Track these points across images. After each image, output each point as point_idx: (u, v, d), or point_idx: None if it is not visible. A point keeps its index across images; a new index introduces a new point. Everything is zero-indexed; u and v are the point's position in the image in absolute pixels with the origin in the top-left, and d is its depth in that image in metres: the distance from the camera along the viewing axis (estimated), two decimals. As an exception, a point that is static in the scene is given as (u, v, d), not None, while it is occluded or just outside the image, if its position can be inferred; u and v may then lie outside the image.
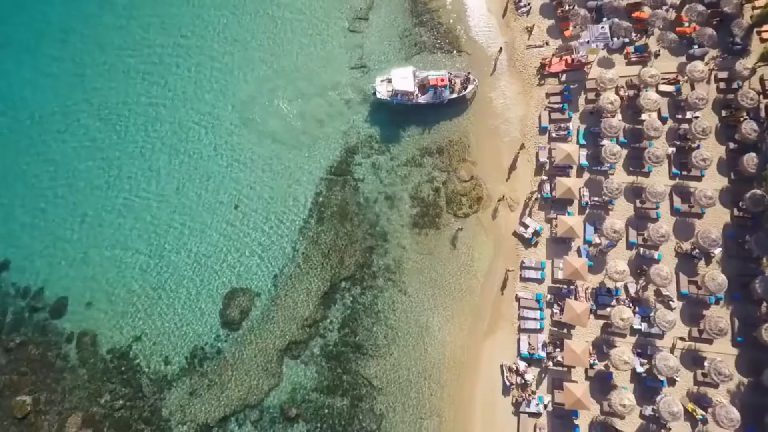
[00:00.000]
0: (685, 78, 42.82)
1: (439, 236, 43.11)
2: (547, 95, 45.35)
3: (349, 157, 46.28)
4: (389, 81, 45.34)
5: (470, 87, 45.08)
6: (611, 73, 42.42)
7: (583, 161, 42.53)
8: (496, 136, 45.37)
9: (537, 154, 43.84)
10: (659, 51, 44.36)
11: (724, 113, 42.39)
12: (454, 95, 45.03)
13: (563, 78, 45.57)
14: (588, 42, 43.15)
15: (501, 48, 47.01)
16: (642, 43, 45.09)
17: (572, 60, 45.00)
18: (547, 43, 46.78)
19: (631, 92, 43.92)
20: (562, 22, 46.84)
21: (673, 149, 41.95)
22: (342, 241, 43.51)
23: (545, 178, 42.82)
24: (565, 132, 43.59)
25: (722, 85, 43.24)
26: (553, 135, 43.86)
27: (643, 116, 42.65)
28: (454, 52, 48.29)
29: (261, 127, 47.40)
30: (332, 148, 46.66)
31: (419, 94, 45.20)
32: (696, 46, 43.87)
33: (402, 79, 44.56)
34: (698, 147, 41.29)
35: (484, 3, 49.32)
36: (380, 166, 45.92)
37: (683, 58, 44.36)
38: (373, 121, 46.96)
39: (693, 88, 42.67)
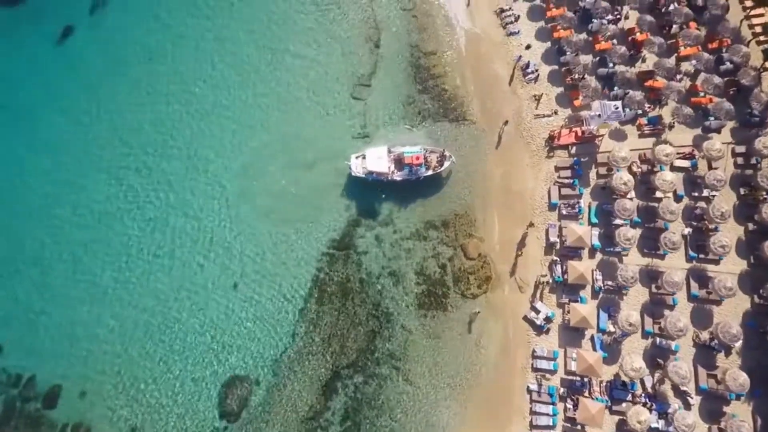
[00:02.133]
0: (702, 154, 41.13)
1: (446, 319, 41.44)
2: (557, 169, 43.69)
3: (351, 230, 44.71)
4: (364, 157, 44.00)
5: (446, 164, 43.71)
6: (624, 151, 40.71)
7: (596, 242, 40.79)
8: (503, 211, 43.71)
9: (547, 231, 42.15)
10: (673, 122, 42.68)
11: (742, 191, 40.57)
12: (430, 172, 43.62)
13: (573, 151, 43.92)
14: (599, 116, 41.48)
15: (507, 121, 45.43)
16: (655, 114, 43.41)
17: (582, 132, 43.38)
18: (555, 113, 45.14)
19: (645, 167, 42.23)
20: (571, 91, 45.22)
21: (690, 230, 40.19)
22: (344, 323, 41.90)
23: (556, 259, 41.08)
24: (576, 209, 41.89)
25: (740, 160, 41.50)
26: (564, 212, 42.16)
27: (658, 194, 40.98)
28: (459, 120, 46.74)
29: (259, 199, 45.83)
30: (334, 220, 45.08)
31: (395, 171, 43.89)
32: (712, 118, 42.14)
33: (377, 159, 43.41)
34: (716, 229, 39.53)
35: (490, 69, 47.73)
36: (384, 239, 44.34)
37: (699, 130, 42.62)
38: (375, 192, 45.32)
39: (710, 166, 40.97)
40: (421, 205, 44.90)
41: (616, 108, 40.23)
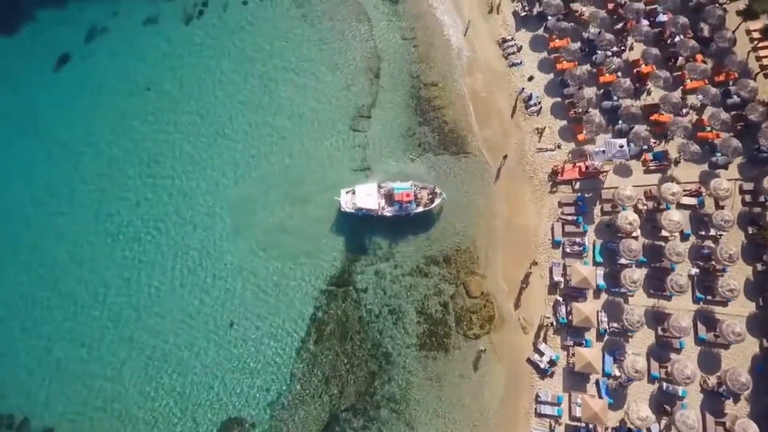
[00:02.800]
0: (709, 191, 40.25)
1: (447, 360, 40.53)
2: (560, 204, 42.80)
3: (350, 265, 43.83)
4: (354, 193, 43.28)
5: (437, 201, 42.92)
6: (629, 190, 39.85)
7: (601, 282, 39.88)
8: (505, 248, 42.84)
9: (551, 270, 41.22)
10: (679, 158, 41.82)
11: (750, 230, 39.70)
12: (421, 209, 42.83)
13: (577, 186, 43.05)
14: (603, 152, 40.62)
15: (506, 155, 44.63)
16: (661, 149, 42.56)
17: (586, 167, 42.52)
18: (559, 146, 44.29)
19: (651, 204, 41.37)
20: (575, 124, 44.38)
21: (697, 270, 39.29)
22: (343, 364, 41.00)
23: (560, 299, 40.16)
24: (581, 248, 41.00)
25: (748, 197, 40.66)
26: (567, 250, 41.29)
27: (664, 232, 40.08)
28: (460, 153, 45.88)
29: (257, 233, 44.83)
30: (333, 255, 44.18)
31: (386, 206, 43.10)
32: (719, 154, 41.29)
33: (366, 195, 42.71)
34: (724, 270, 38.63)
35: (492, 100, 46.88)
36: (384, 275, 43.47)
37: (705, 166, 41.81)
38: (376, 226, 44.46)
39: (717, 205, 40.09)
40: (422, 239, 44.04)
41: (621, 147, 39.38)
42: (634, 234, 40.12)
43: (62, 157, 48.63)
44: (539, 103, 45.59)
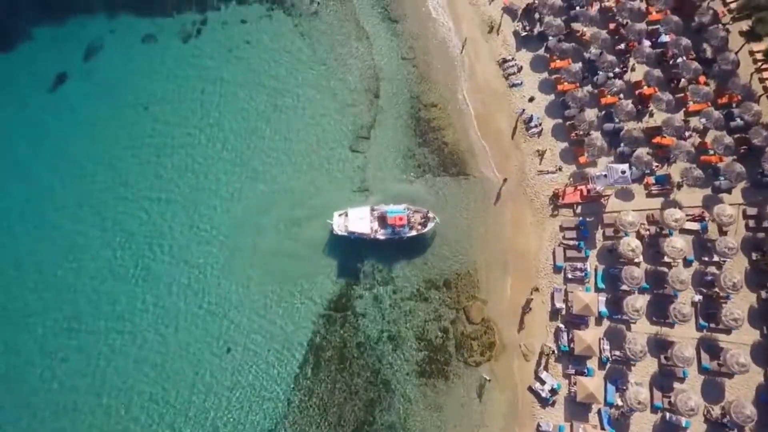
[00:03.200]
0: (712, 217, 39.72)
1: (448, 388, 39.96)
2: (561, 228, 42.26)
3: (349, 290, 43.30)
4: (347, 215, 42.77)
5: (430, 225, 42.38)
6: (631, 216, 39.32)
7: (603, 309, 39.33)
8: (506, 272, 42.30)
9: (552, 296, 40.66)
10: (682, 182, 41.29)
11: (754, 256, 39.18)
12: (413, 233, 42.31)
13: (578, 210, 42.55)
14: (605, 176, 40.09)
15: (506, 179, 44.21)
16: (663, 172, 42.08)
17: (588, 191, 42.03)
18: (560, 169, 43.77)
19: (653, 229, 40.85)
20: (576, 147, 43.88)
21: (700, 297, 38.73)
22: (341, 392, 40.43)
23: (561, 326, 39.59)
24: (582, 273, 40.45)
25: (752, 222, 40.14)
26: (569, 276, 40.75)
27: (666, 258, 39.52)
28: (460, 175, 45.38)
29: (255, 256, 44.24)
30: (331, 279, 43.65)
31: (379, 229, 42.58)
32: (722, 178, 40.77)
33: (358, 219, 42.27)
34: (728, 297, 38.07)
35: (492, 121, 46.39)
36: (383, 299, 42.96)
37: (708, 190, 41.32)
38: (375, 249, 43.94)
39: (721, 231, 39.55)
40: (421, 262, 43.57)
41: (623, 172, 38.84)
42: (636, 260, 39.61)
43: (61, 177, 48.16)
44: (540, 124, 45.11)
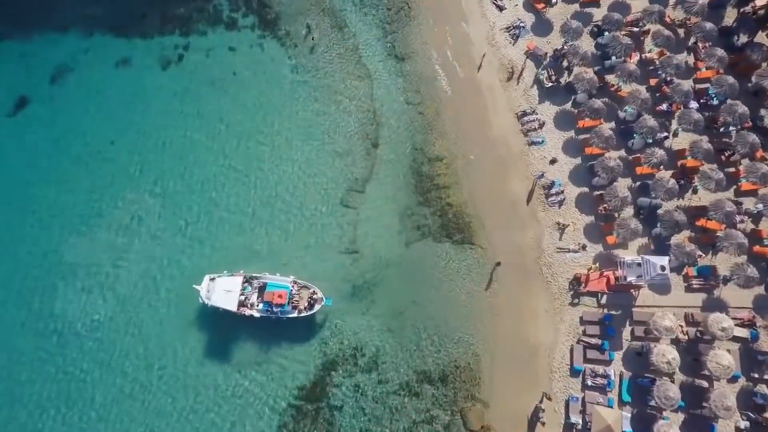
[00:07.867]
0: (765, 323, 32.95)
1: None
2: (582, 322, 35.61)
3: (326, 375, 36.83)
4: (215, 281, 36.76)
5: (317, 307, 36.38)
6: (669, 320, 32.55)
7: (628, 429, 32.51)
8: (513, 370, 35.67)
9: (567, 405, 33.96)
10: (730, 278, 34.50)
11: (818, 375, 32.34)
12: (295, 314, 36.17)
13: (603, 300, 35.90)
14: (638, 265, 33.45)
15: (499, 262, 37.98)
16: (707, 263, 35.36)
17: (616, 278, 35.36)
18: (584, 248, 37.12)
19: (692, 331, 34.08)
20: (604, 223, 37.33)
21: (747, 423, 31.86)
22: None
23: (576, 446, 32.91)
24: (605, 381, 33.72)
25: (814, 332, 33.32)
26: (589, 383, 34.01)
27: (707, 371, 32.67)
28: (465, 243, 38.98)
29: (215, 329, 37.81)
30: (306, 360, 37.20)
31: (255, 302, 36.58)
32: (781, 276, 34.10)
33: (225, 291, 36.21)
34: (784, 429, 31.21)
35: (506, 184, 39.92)
36: (365, 390, 36.46)
37: (761, 289, 34.55)
38: (360, 326, 37.72)
39: (776, 343, 32.78)
40: (413, 348, 37.14)
41: (663, 269, 32.19)
42: (670, 371, 32.79)
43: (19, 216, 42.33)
44: (562, 192, 38.58)
